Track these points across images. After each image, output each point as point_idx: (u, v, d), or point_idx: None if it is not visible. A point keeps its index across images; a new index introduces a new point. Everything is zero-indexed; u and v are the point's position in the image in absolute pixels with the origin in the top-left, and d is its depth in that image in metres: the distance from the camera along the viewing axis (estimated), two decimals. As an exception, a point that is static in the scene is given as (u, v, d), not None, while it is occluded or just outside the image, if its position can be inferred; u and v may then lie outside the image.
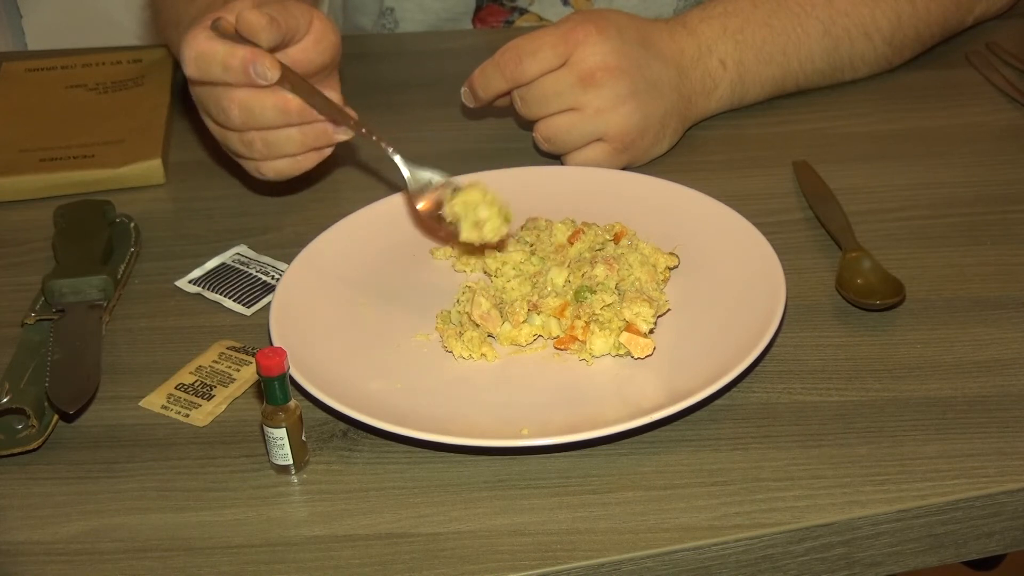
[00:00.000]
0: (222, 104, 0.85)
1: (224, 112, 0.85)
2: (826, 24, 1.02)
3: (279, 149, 0.87)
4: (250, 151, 0.88)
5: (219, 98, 0.85)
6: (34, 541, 0.69)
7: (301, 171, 0.89)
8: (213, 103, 0.86)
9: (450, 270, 0.88)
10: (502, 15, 1.23)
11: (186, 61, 0.84)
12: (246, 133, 0.86)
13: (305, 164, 0.89)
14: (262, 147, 0.87)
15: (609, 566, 0.66)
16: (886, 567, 0.70)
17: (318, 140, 0.87)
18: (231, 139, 0.88)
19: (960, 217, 0.91)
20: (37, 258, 0.93)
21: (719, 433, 0.73)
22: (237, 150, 0.89)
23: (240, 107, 0.84)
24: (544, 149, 0.97)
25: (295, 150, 0.87)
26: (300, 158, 0.88)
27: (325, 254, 0.88)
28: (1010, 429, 0.72)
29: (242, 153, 0.89)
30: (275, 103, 0.84)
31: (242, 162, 0.91)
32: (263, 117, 0.85)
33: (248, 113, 0.84)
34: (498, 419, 0.74)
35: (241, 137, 0.87)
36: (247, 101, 0.84)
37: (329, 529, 0.69)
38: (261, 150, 0.87)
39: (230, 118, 0.85)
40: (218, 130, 0.89)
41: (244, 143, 0.87)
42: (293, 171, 0.89)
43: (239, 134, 0.87)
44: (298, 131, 0.86)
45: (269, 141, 0.86)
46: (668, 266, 0.84)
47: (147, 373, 0.81)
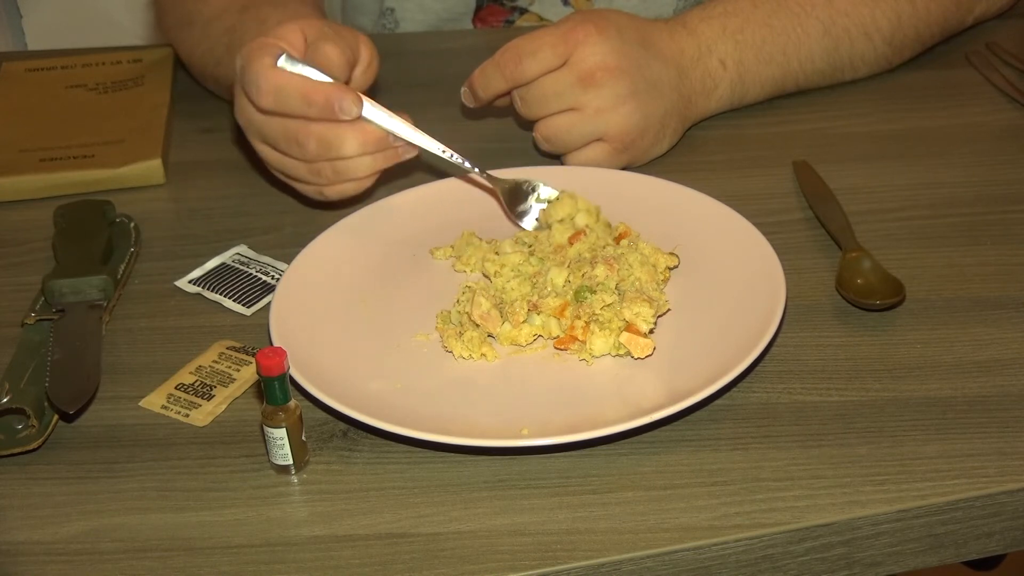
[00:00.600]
0: (298, 137, 0.84)
1: (300, 145, 0.85)
2: (826, 24, 1.02)
3: (349, 176, 0.87)
4: (317, 179, 0.87)
5: (296, 131, 0.84)
6: (34, 541, 0.69)
7: (364, 190, 0.90)
8: (284, 135, 0.85)
9: (450, 270, 0.88)
10: (502, 15, 1.23)
11: (262, 92, 0.83)
12: (316, 164, 0.86)
13: (369, 183, 0.89)
14: (331, 174, 0.86)
15: (609, 566, 0.66)
16: (886, 567, 0.70)
17: (387, 162, 0.87)
18: (296, 168, 0.88)
19: (960, 217, 0.91)
20: (37, 258, 0.93)
21: (719, 433, 0.73)
22: (302, 178, 0.88)
23: (318, 140, 0.84)
24: (544, 149, 0.97)
25: (365, 174, 0.87)
26: (366, 181, 0.89)
27: (325, 254, 0.88)
28: (1010, 429, 0.72)
29: (308, 180, 0.88)
30: (355, 135, 0.84)
31: (301, 187, 0.91)
32: (340, 149, 0.84)
33: (326, 146, 0.84)
34: (498, 419, 0.74)
35: (310, 168, 0.87)
36: (326, 135, 0.84)
37: (329, 529, 0.69)
38: (329, 177, 0.87)
39: (306, 151, 0.85)
40: (277, 157, 0.88)
41: (312, 172, 0.87)
42: (358, 192, 0.89)
43: (308, 165, 0.87)
44: (370, 158, 0.86)
45: (339, 170, 0.86)
46: (668, 266, 0.84)
47: (147, 373, 0.81)
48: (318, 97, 0.82)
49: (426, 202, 0.94)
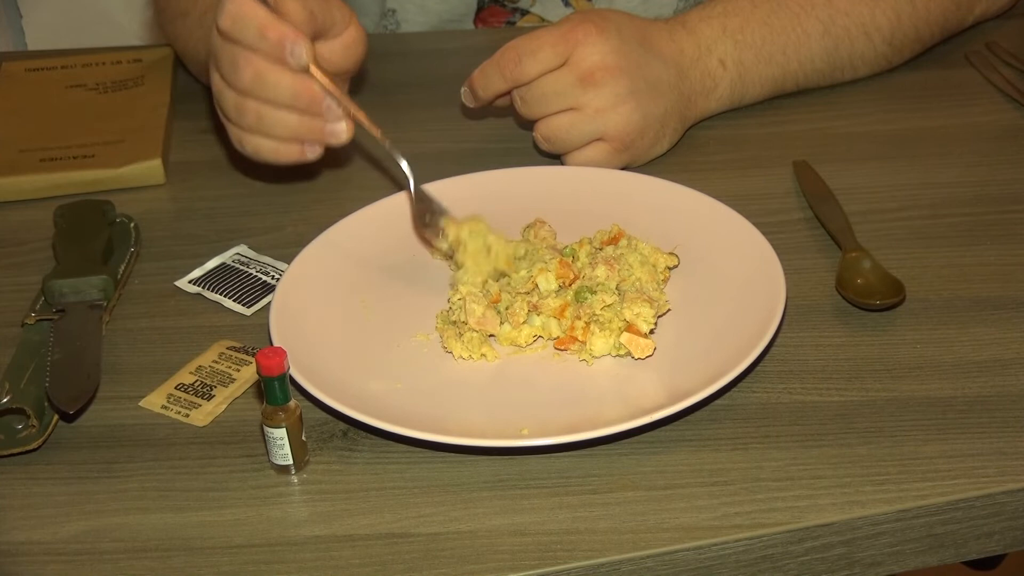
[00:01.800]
0: (238, 62, 0.83)
1: (236, 71, 0.84)
2: (826, 24, 1.02)
3: (268, 128, 0.86)
4: (239, 118, 0.86)
5: (237, 56, 0.84)
6: (34, 541, 0.69)
7: (277, 160, 0.88)
8: (229, 58, 0.84)
9: (450, 270, 0.88)
10: (503, 16, 1.23)
11: (223, 13, 0.83)
12: (245, 100, 0.85)
13: (285, 154, 0.87)
14: (253, 120, 0.85)
15: (609, 566, 0.66)
16: (886, 567, 0.70)
17: (310, 133, 0.85)
18: (227, 98, 0.87)
19: (960, 217, 0.91)
20: (37, 258, 0.93)
21: (719, 433, 0.73)
22: (229, 112, 0.87)
23: (254, 72, 0.83)
24: (544, 149, 0.97)
25: (284, 136, 0.86)
26: (283, 147, 0.87)
27: (325, 254, 0.88)
28: (1010, 429, 0.72)
29: (231, 117, 0.87)
30: (291, 83, 0.83)
31: (227, 126, 0.90)
32: (273, 91, 0.83)
33: (260, 82, 0.83)
34: (498, 419, 0.74)
35: (239, 101, 0.85)
36: (264, 70, 0.83)
37: (329, 529, 0.69)
38: (251, 122, 0.86)
39: (239, 78, 0.84)
40: (219, 84, 0.87)
41: (238, 108, 0.86)
42: (271, 156, 0.88)
43: (238, 97, 0.85)
44: (296, 118, 0.85)
45: (263, 116, 0.85)
46: (668, 266, 0.84)
47: (147, 373, 0.81)
48: (273, 33, 0.82)
49: (426, 202, 0.93)
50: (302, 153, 0.87)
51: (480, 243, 0.84)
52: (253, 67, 0.83)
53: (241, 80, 0.84)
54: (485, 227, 0.84)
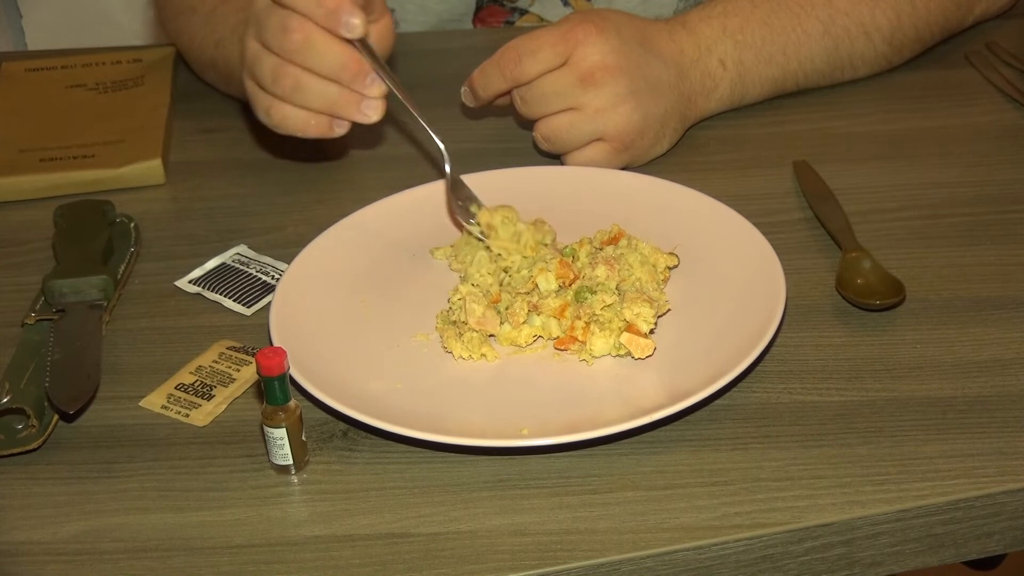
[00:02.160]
0: (289, 24, 0.82)
1: (285, 33, 0.82)
2: (826, 24, 1.02)
3: (305, 98, 0.84)
4: (274, 85, 0.85)
5: (289, 19, 0.82)
6: (34, 541, 0.69)
7: (304, 133, 0.86)
8: (278, 21, 0.83)
9: (450, 270, 0.88)
10: (502, 16, 1.23)
11: None
12: (285, 65, 0.83)
13: (314, 128, 0.86)
14: (290, 87, 0.84)
15: (609, 566, 0.66)
16: (886, 567, 0.70)
17: (347, 107, 0.84)
18: (265, 62, 0.85)
19: (960, 217, 0.91)
20: (37, 258, 0.93)
21: (719, 433, 0.73)
22: (262, 78, 0.85)
23: (304, 37, 0.82)
24: (544, 149, 0.97)
25: (320, 107, 0.84)
26: (313, 119, 0.85)
27: (325, 254, 0.88)
28: (1010, 429, 0.72)
29: (265, 83, 0.86)
30: (339, 52, 0.82)
31: (257, 96, 0.88)
32: (320, 59, 0.82)
33: (308, 47, 0.82)
34: (498, 419, 0.74)
35: (278, 66, 0.84)
36: (314, 36, 0.82)
37: (329, 529, 0.69)
38: (286, 90, 0.84)
39: (286, 41, 0.82)
40: (256, 48, 0.86)
41: (275, 74, 0.84)
42: (299, 129, 0.86)
43: (278, 62, 0.84)
44: (336, 90, 0.84)
45: (301, 84, 0.84)
46: (668, 266, 0.84)
47: (147, 373, 0.81)
48: (330, 2, 0.81)
49: (426, 202, 0.94)
50: (331, 128, 0.86)
51: (511, 230, 0.85)
52: (304, 32, 0.82)
53: (289, 43, 0.82)
54: (516, 215, 0.86)
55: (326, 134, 0.86)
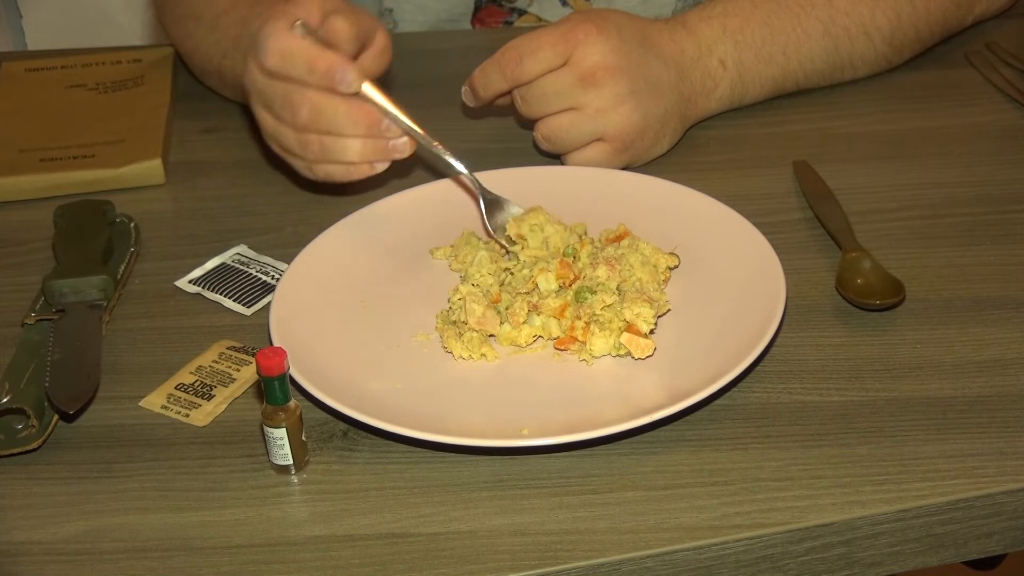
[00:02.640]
0: (293, 100, 0.84)
1: (292, 109, 0.84)
2: (826, 24, 1.02)
3: (335, 155, 0.86)
4: (304, 152, 0.87)
5: (291, 94, 0.84)
6: (34, 541, 0.69)
7: (352, 179, 0.89)
8: (282, 98, 0.85)
9: (450, 270, 0.88)
10: (501, 16, 1.23)
11: (268, 52, 0.83)
12: (306, 135, 0.86)
13: (356, 174, 0.88)
14: (318, 150, 0.86)
15: (609, 566, 0.66)
16: (886, 567, 0.70)
17: (376, 154, 0.86)
18: (287, 137, 0.87)
19: (960, 217, 0.91)
20: (37, 258, 0.93)
21: (719, 433, 0.73)
22: (291, 148, 0.88)
23: (311, 107, 0.84)
24: (544, 149, 0.97)
25: (351, 159, 0.86)
26: (353, 168, 0.88)
27: (325, 254, 0.88)
28: (1010, 429, 0.72)
29: (295, 152, 0.88)
30: (348, 111, 0.84)
31: (291, 160, 0.90)
32: (332, 122, 0.84)
33: (317, 115, 0.84)
34: (498, 419, 0.74)
35: (300, 137, 0.86)
36: (320, 103, 0.84)
37: (329, 529, 0.69)
38: (316, 153, 0.86)
39: (297, 116, 0.84)
40: (273, 124, 0.88)
41: (301, 143, 0.86)
42: (345, 178, 0.88)
43: (298, 134, 0.86)
44: (360, 142, 0.85)
45: (327, 146, 0.86)
46: (669, 266, 0.84)
47: (147, 373, 0.81)
48: (321, 64, 0.82)
49: (426, 202, 0.94)
50: (372, 168, 0.88)
51: (539, 237, 0.85)
52: (309, 102, 0.84)
53: (300, 117, 0.85)
54: (544, 218, 0.86)
55: (369, 173, 0.88)
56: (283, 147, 0.89)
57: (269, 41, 0.84)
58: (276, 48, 0.83)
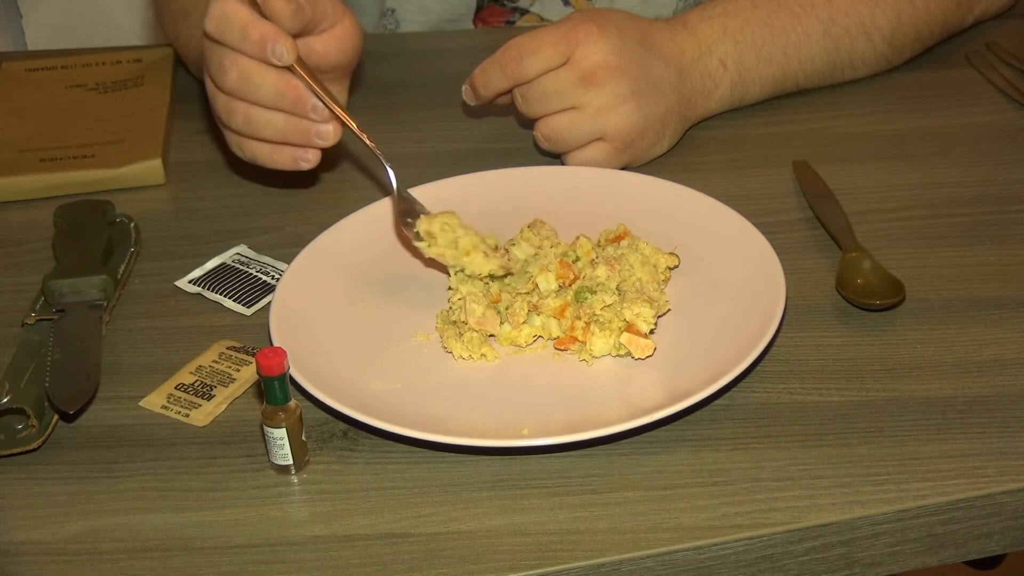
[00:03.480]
0: (224, 63, 0.84)
1: (223, 72, 0.84)
2: (826, 24, 1.02)
3: (257, 130, 0.86)
4: (229, 120, 0.87)
5: (223, 57, 0.84)
6: (34, 541, 0.69)
7: (275, 166, 0.88)
8: (216, 60, 0.85)
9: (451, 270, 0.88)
10: (503, 15, 1.23)
11: (208, 16, 0.84)
12: (233, 101, 0.86)
13: (279, 160, 0.88)
14: (242, 122, 0.86)
15: (609, 566, 0.66)
16: (886, 567, 0.70)
17: (298, 135, 0.86)
18: (219, 102, 0.87)
19: (960, 217, 0.91)
20: (37, 258, 0.93)
21: (719, 433, 0.73)
22: (219, 114, 0.88)
23: (239, 72, 0.84)
24: (544, 148, 0.97)
25: (273, 137, 0.86)
26: (276, 153, 0.87)
27: (325, 254, 0.88)
28: (1010, 429, 0.72)
29: (223, 120, 0.88)
30: (275, 81, 0.84)
31: (224, 132, 0.90)
32: (258, 91, 0.84)
33: (245, 82, 0.84)
34: (498, 419, 0.74)
35: (227, 103, 0.86)
36: (248, 70, 0.84)
37: (329, 529, 0.69)
38: (240, 125, 0.86)
39: (225, 80, 0.85)
40: (211, 87, 0.88)
41: (227, 110, 0.87)
42: (268, 161, 0.88)
43: (226, 100, 0.86)
44: (283, 119, 0.85)
45: (250, 118, 0.86)
46: (669, 266, 0.84)
47: (147, 373, 0.81)
48: (254, 33, 0.82)
49: (426, 202, 0.93)
50: (295, 161, 0.87)
51: (449, 237, 0.83)
52: (238, 67, 0.84)
53: (228, 81, 0.84)
54: (456, 222, 0.84)
55: (293, 167, 0.88)
56: (216, 115, 0.89)
57: (212, 5, 0.84)
58: (216, 12, 0.83)
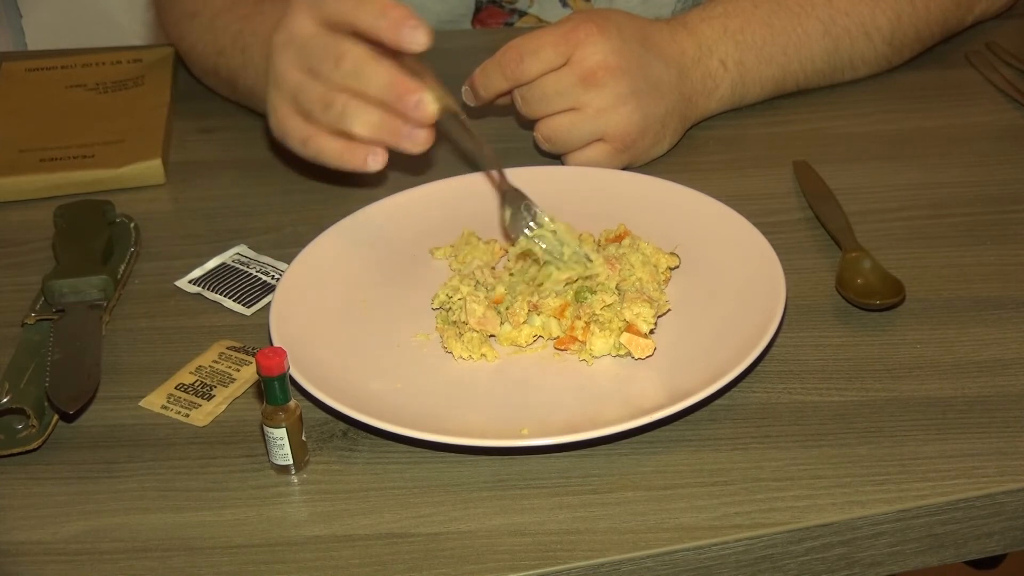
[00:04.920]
0: (340, 49, 0.81)
1: (336, 60, 0.81)
2: (826, 24, 1.02)
3: (351, 123, 0.82)
4: (324, 112, 0.83)
5: (339, 44, 0.81)
6: (34, 541, 0.69)
7: (340, 165, 0.85)
8: (326, 48, 0.82)
9: (450, 270, 0.88)
10: (502, 17, 1.23)
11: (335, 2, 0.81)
12: (332, 92, 0.82)
13: (349, 159, 0.84)
14: (340, 112, 0.82)
15: (609, 566, 0.66)
16: (886, 567, 0.70)
17: (390, 133, 0.82)
18: (311, 91, 0.83)
19: (960, 217, 0.91)
20: (37, 258, 0.93)
21: (719, 433, 0.73)
22: (310, 106, 0.84)
23: (355, 62, 0.81)
24: (544, 149, 0.97)
25: (363, 132, 0.82)
26: (347, 151, 0.84)
27: (325, 254, 0.88)
28: (1010, 429, 0.72)
29: (314, 112, 0.84)
30: (389, 72, 0.81)
31: (294, 126, 0.86)
32: (370, 81, 0.81)
33: (356, 72, 0.81)
34: (498, 419, 0.74)
35: (327, 94, 0.83)
36: (365, 58, 0.81)
37: (329, 529, 0.69)
38: (335, 115, 0.83)
39: (339, 67, 0.81)
40: (299, 79, 0.84)
41: (325, 100, 0.83)
42: (334, 159, 0.85)
43: (325, 90, 0.83)
44: (379, 115, 0.82)
45: (349, 109, 0.82)
46: (670, 266, 0.84)
47: (147, 373, 0.81)
48: (395, 11, 0.79)
49: (426, 202, 0.94)
50: (364, 162, 0.84)
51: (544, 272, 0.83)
52: (354, 55, 0.81)
53: (341, 67, 0.81)
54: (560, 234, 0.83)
55: (360, 168, 0.84)
56: (302, 105, 0.85)
57: None
58: None
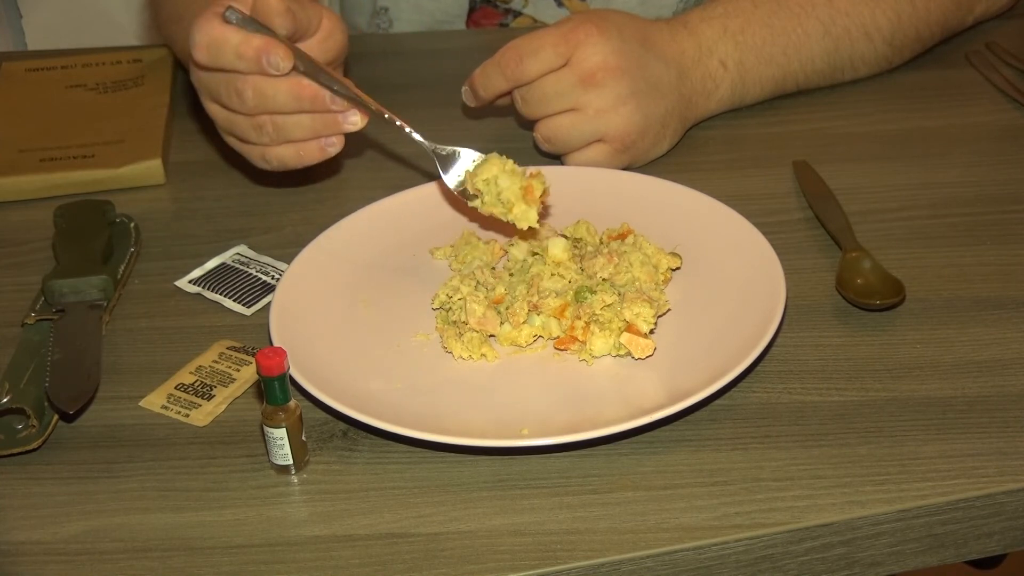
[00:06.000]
0: (235, 86, 0.85)
1: (238, 95, 0.85)
2: (826, 24, 1.02)
3: (288, 134, 0.86)
4: (259, 135, 0.87)
5: (231, 82, 0.85)
6: (34, 541, 0.69)
7: (303, 163, 0.89)
8: (224, 88, 0.86)
9: (450, 270, 0.88)
10: (496, 17, 1.23)
11: (197, 46, 0.84)
12: (258, 117, 0.86)
13: (307, 156, 0.88)
14: (272, 131, 0.86)
15: (609, 566, 0.66)
16: (886, 567, 0.70)
17: (327, 127, 0.86)
18: (239, 124, 0.88)
19: (960, 217, 0.91)
20: (37, 258, 0.93)
21: (719, 433, 0.73)
22: (245, 135, 0.89)
23: (254, 91, 0.84)
24: (544, 149, 0.97)
25: (304, 135, 0.87)
26: (303, 149, 0.88)
27: (325, 254, 0.88)
28: (1010, 429, 0.72)
29: (250, 138, 0.88)
30: (289, 88, 0.84)
31: (246, 149, 0.91)
32: (275, 101, 0.84)
33: (261, 97, 0.84)
34: (498, 419, 0.74)
35: (252, 121, 0.87)
36: (261, 85, 0.84)
37: (329, 529, 0.69)
38: (271, 134, 0.87)
39: (244, 102, 0.85)
40: (225, 115, 0.89)
41: (255, 127, 0.87)
42: (295, 161, 0.89)
43: (250, 119, 0.87)
44: (309, 117, 0.86)
45: (279, 125, 0.86)
46: (671, 267, 0.84)
47: (147, 373, 0.81)
48: (248, 50, 0.83)
49: (426, 202, 0.94)
50: (322, 150, 0.88)
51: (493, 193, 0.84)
52: (251, 86, 0.84)
53: (246, 102, 0.85)
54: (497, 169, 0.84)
55: (323, 156, 0.88)
56: (239, 136, 0.90)
57: (197, 35, 0.84)
58: (203, 41, 0.84)
